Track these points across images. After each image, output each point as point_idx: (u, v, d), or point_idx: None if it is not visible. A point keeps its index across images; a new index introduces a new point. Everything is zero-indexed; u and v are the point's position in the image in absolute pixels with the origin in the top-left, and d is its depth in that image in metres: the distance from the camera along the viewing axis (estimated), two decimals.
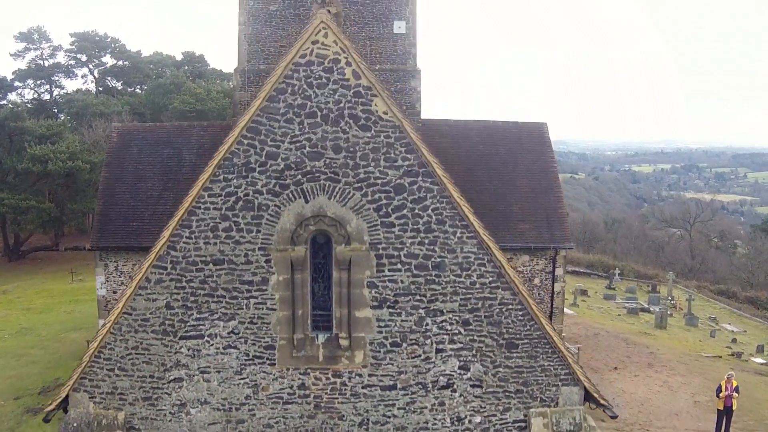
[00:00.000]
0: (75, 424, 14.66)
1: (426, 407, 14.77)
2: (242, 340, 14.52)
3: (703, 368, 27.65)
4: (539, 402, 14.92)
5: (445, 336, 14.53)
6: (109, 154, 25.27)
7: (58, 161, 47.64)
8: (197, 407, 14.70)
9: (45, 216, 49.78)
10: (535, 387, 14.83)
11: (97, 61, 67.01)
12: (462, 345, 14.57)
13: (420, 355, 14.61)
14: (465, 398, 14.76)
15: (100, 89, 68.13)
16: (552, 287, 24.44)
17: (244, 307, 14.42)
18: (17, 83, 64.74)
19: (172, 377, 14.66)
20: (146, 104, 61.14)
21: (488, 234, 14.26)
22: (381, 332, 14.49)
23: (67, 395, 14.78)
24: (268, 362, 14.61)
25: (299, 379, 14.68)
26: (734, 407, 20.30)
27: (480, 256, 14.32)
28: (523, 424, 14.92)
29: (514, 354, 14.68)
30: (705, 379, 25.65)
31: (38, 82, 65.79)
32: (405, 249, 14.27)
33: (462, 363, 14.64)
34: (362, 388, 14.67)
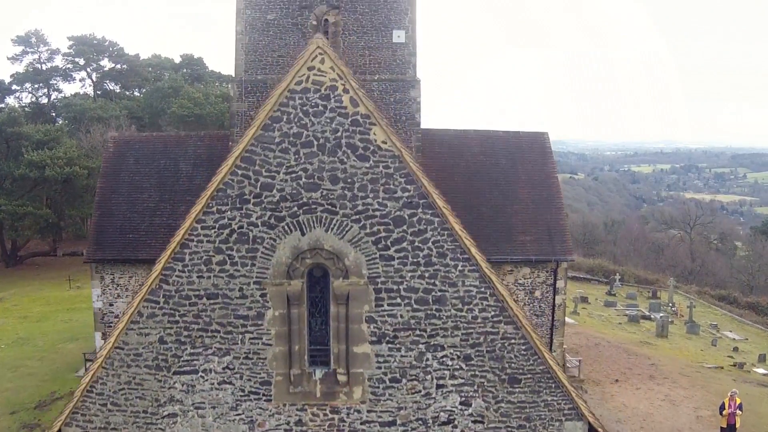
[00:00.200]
0: None
1: None
2: (238, 376, 14.18)
3: (706, 381, 27.41)
4: None
5: (446, 371, 14.18)
6: (105, 165, 25.22)
7: (56, 167, 47.45)
8: None
9: (42, 222, 49.60)
10: (538, 422, 14.49)
11: (95, 65, 66.74)
12: (463, 380, 14.21)
13: (420, 391, 14.24)
14: None
15: (98, 93, 67.79)
16: (553, 300, 24.23)
17: (239, 342, 14.06)
18: (15, 87, 64.55)
19: (166, 413, 14.33)
20: (144, 108, 60.83)
21: (490, 267, 13.86)
22: (380, 368, 14.14)
23: (60, 430, 14.47)
24: (264, 398, 14.26)
25: (296, 415, 14.33)
26: (738, 425, 20.13)
27: (482, 290, 13.94)
28: None
29: (517, 389, 14.33)
30: (707, 393, 25.46)
31: (36, 86, 65.54)
32: (405, 283, 13.89)
33: (463, 398, 14.28)
34: (361, 425, 14.32)
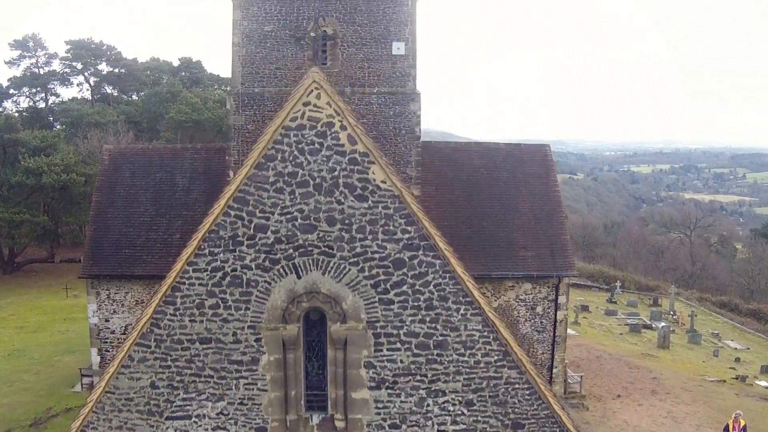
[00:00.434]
0: None
1: None
2: (232, 422, 13.79)
3: (708, 396, 27.04)
4: None
5: (447, 417, 13.79)
6: (101, 178, 24.84)
7: (53, 174, 46.90)
8: None
9: (39, 230, 49.05)
10: None
11: (93, 69, 66.08)
12: (465, 426, 13.82)
13: None
14: None
15: (96, 97, 67.27)
16: (555, 315, 23.77)
17: (234, 388, 13.67)
18: (12, 91, 64.00)
19: None
20: (142, 113, 60.28)
21: (494, 311, 13.40)
22: (379, 414, 13.73)
23: None
24: None
25: None
26: None
27: (485, 334, 13.53)
28: None
29: None
30: (710, 409, 25.09)
31: (33, 90, 64.93)
32: (405, 327, 13.47)
33: None
34: None
